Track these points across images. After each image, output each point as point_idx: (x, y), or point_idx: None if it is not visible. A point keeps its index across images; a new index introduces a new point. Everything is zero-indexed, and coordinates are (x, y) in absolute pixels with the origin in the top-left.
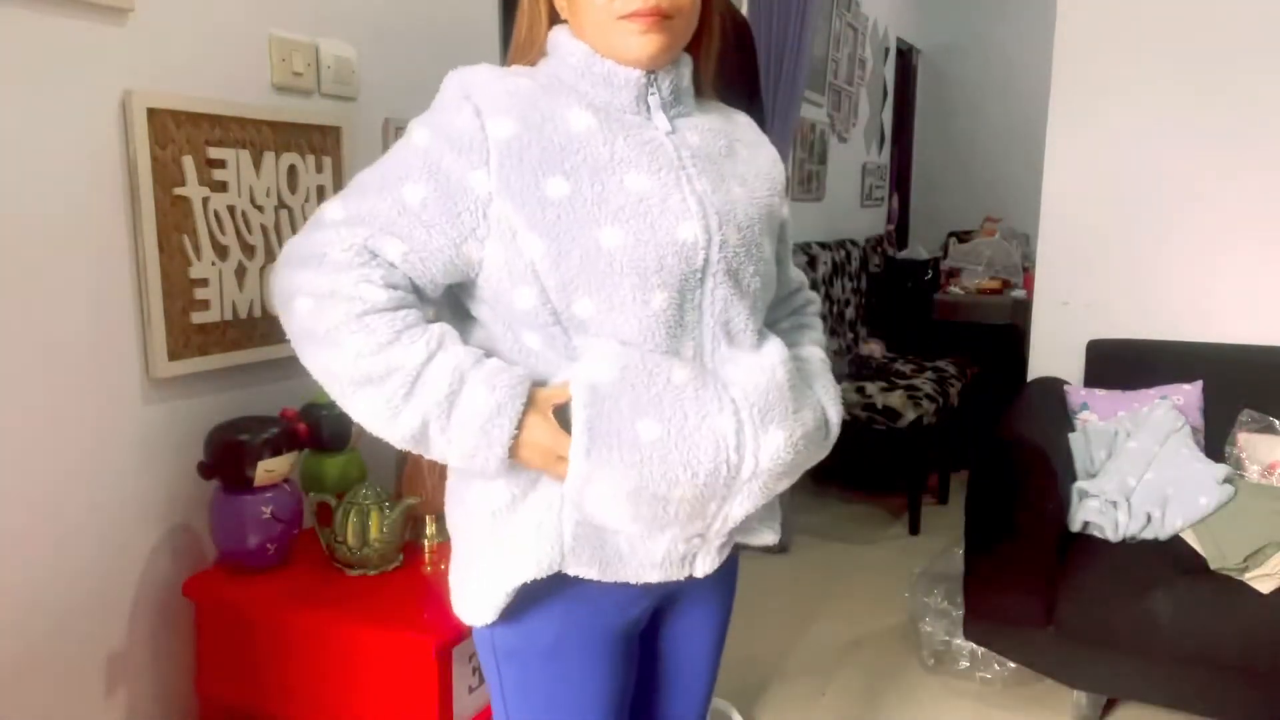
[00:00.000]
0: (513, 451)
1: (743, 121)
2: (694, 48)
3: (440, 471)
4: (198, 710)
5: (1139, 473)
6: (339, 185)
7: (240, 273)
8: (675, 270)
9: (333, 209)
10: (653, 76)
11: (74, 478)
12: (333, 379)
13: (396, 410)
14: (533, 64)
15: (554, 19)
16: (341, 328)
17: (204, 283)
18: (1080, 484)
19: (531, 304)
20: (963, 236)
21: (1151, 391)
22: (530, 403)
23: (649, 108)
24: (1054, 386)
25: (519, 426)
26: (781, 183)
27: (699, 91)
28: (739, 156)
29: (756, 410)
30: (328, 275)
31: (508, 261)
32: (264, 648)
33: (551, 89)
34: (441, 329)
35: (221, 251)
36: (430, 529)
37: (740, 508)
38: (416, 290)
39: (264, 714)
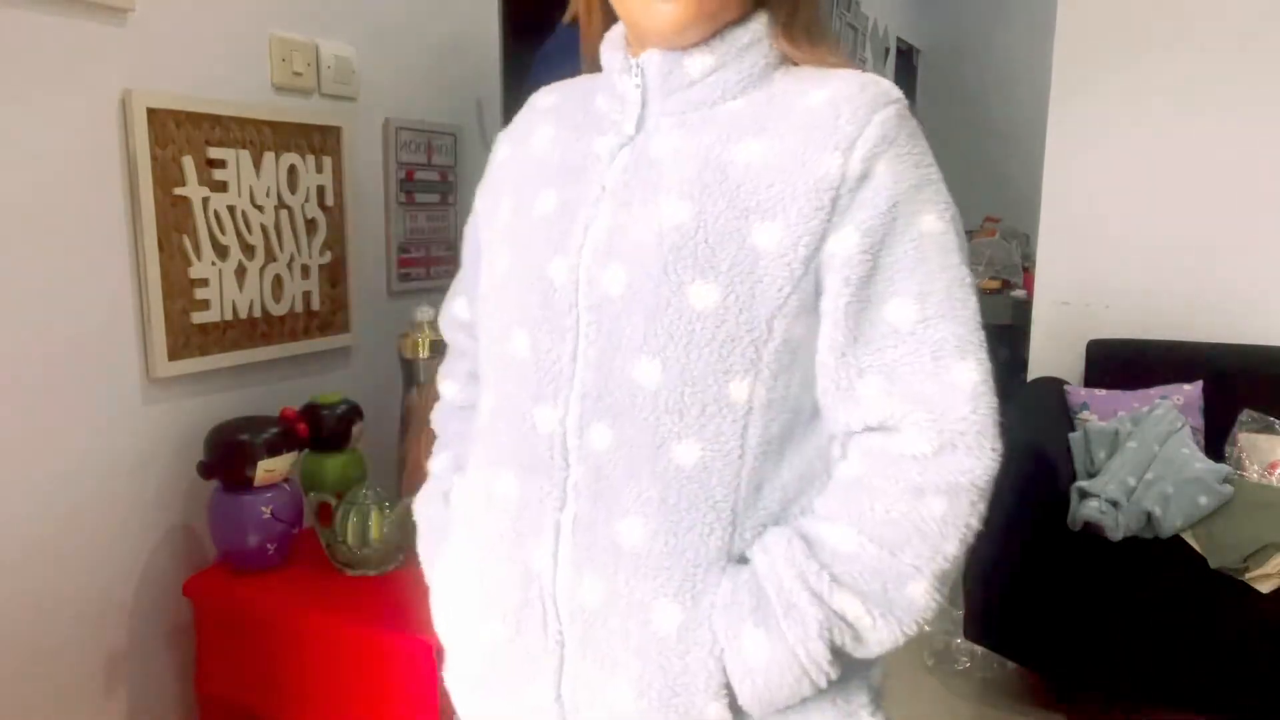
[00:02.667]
0: None
1: (814, 100)
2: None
3: None
4: (198, 710)
5: (1139, 473)
6: (339, 185)
7: (240, 273)
8: (536, 311)
9: None
10: (636, 64)
11: (74, 478)
12: None
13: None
14: (590, 73)
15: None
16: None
17: (204, 283)
18: (1080, 484)
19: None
20: None
21: (1151, 391)
22: None
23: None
24: (1054, 386)
25: None
26: (805, 200)
27: (791, 44)
28: (724, 162)
29: (576, 553)
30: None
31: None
32: (264, 648)
33: (561, 101)
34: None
35: (221, 251)
36: None
37: None
38: None
39: (263, 714)
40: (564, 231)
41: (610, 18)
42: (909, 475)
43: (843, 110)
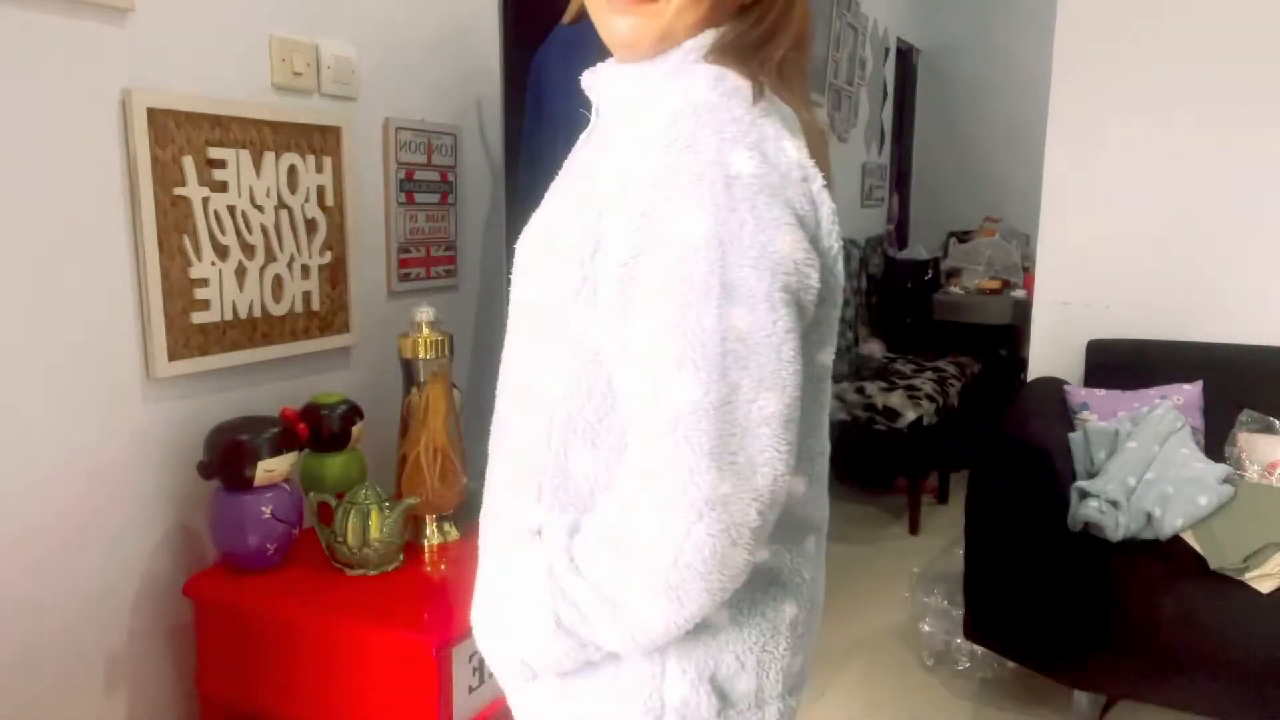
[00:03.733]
0: None
1: (644, 131)
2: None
3: (439, 472)
4: (198, 710)
5: (1139, 473)
6: (339, 185)
7: (240, 273)
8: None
9: None
10: (592, 76)
11: (74, 477)
12: None
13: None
14: None
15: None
16: None
17: (204, 283)
18: (1080, 484)
19: None
20: (963, 236)
21: (1151, 391)
22: None
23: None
24: (1054, 386)
25: None
26: (601, 212)
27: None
28: (587, 171)
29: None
30: None
31: None
32: (264, 648)
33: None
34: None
35: (221, 251)
36: (430, 529)
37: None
38: None
39: (264, 714)
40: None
41: None
42: None
43: (641, 147)
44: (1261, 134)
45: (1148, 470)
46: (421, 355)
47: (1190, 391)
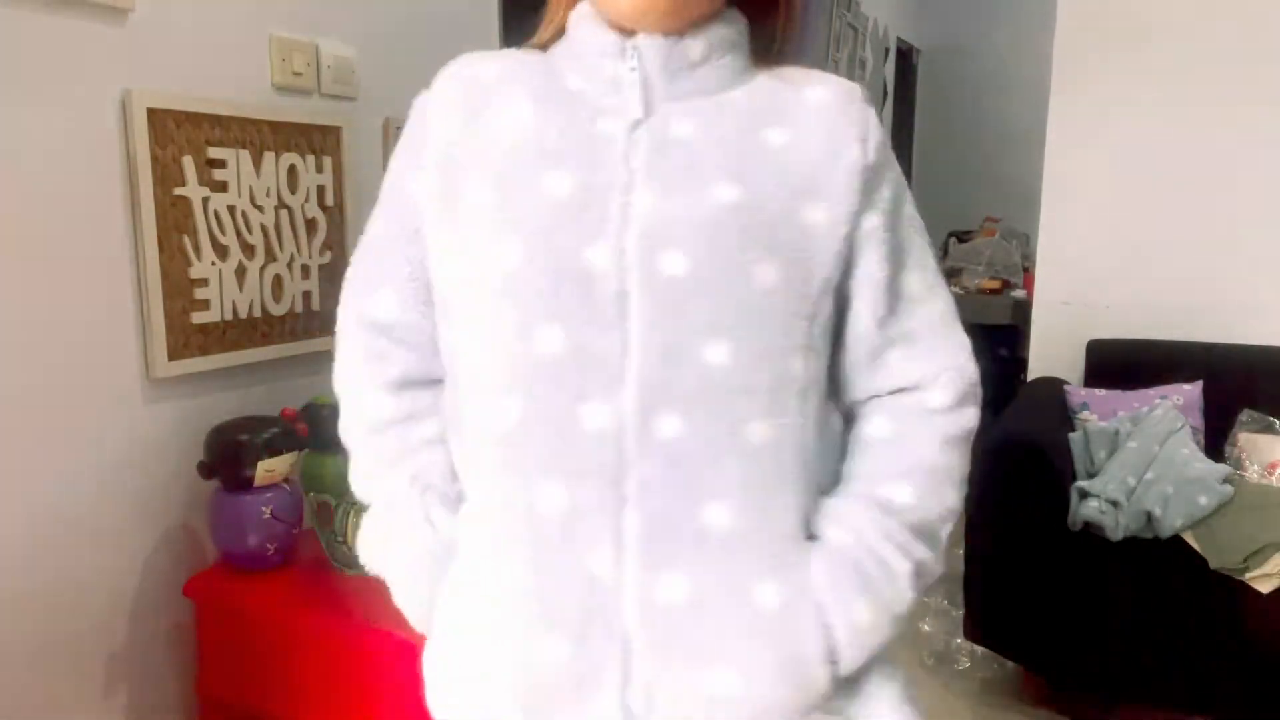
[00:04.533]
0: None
1: (815, 96)
2: (754, 6)
3: None
4: (198, 710)
5: (1139, 473)
6: (339, 185)
7: (240, 273)
8: (571, 302)
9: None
10: (631, 47)
11: (74, 478)
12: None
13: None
14: (544, 43)
15: None
16: (355, 442)
17: (204, 283)
18: (1080, 484)
19: (443, 338)
20: (963, 236)
21: (1151, 391)
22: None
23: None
24: (1054, 386)
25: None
26: (843, 183)
27: (764, 60)
28: (759, 145)
29: (649, 552)
30: (343, 370)
31: (438, 285)
32: (264, 648)
33: (518, 74)
34: (421, 460)
35: (221, 251)
36: None
37: None
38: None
39: (264, 714)
40: (598, 216)
41: None
42: (940, 428)
43: (848, 107)
44: (1262, 134)
45: (1148, 470)
46: None
47: (1190, 391)
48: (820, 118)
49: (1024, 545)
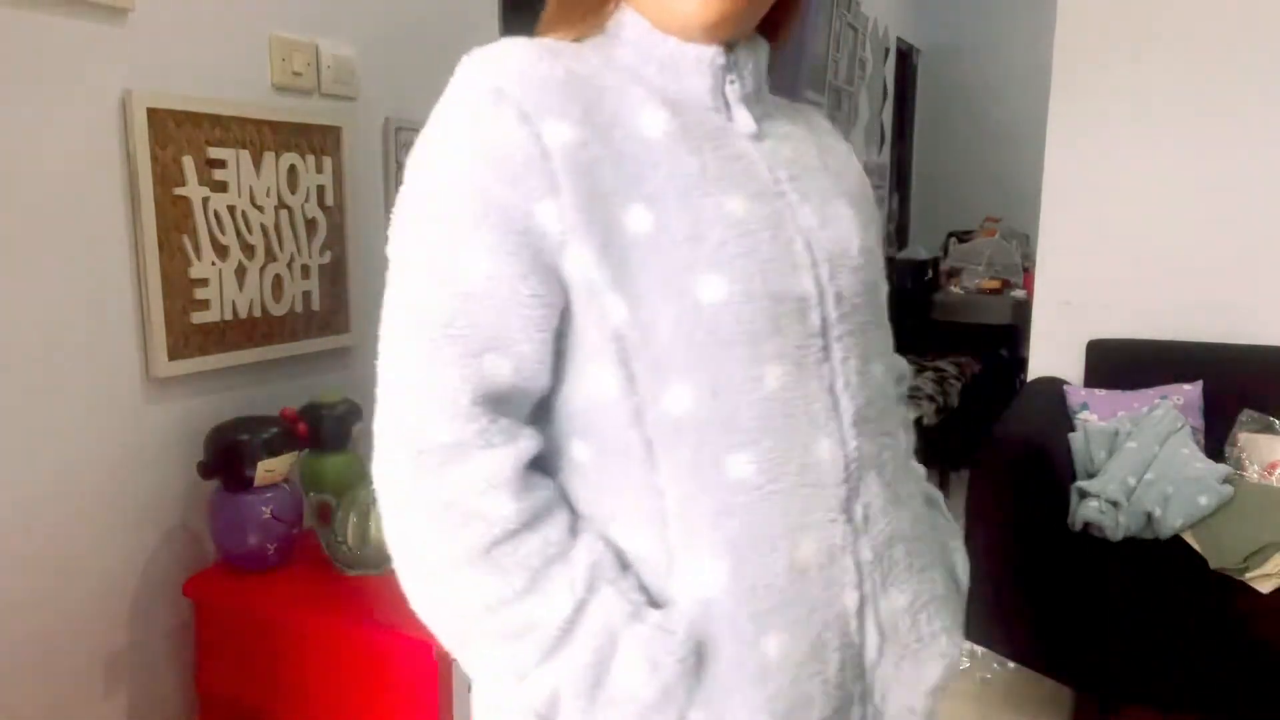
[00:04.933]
0: None
1: (819, 120)
2: (769, 23)
3: None
4: (198, 710)
5: (1139, 473)
6: (339, 185)
7: (240, 273)
8: (792, 336)
9: (395, 402)
10: (733, 58)
11: (74, 478)
12: (446, 630)
13: (524, 674)
14: (578, 38)
15: None
16: (463, 567)
17: (204, 283)
18: (1080, 484)
19: (607, 395)
20: (963, 236)
21: (1151, 391)
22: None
23: (727, 103)
24: (1054, 386)
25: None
26: (871, 192)
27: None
28: (833, 166)
29: (878, 572)
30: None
31: (582, 331)
32: (264, 648)
33: (611, 74)
34: (590, 555)
35: (221, 251)
36: None
37: (890, 700)
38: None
39: (264, 714)
40: (786, 242)
41: None
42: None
43: (837, 133)
44: (1262, 134)
45: (1148, 470)
46: None
47: (1190, 391)
48: (837, 142)
49: (1024, 545)
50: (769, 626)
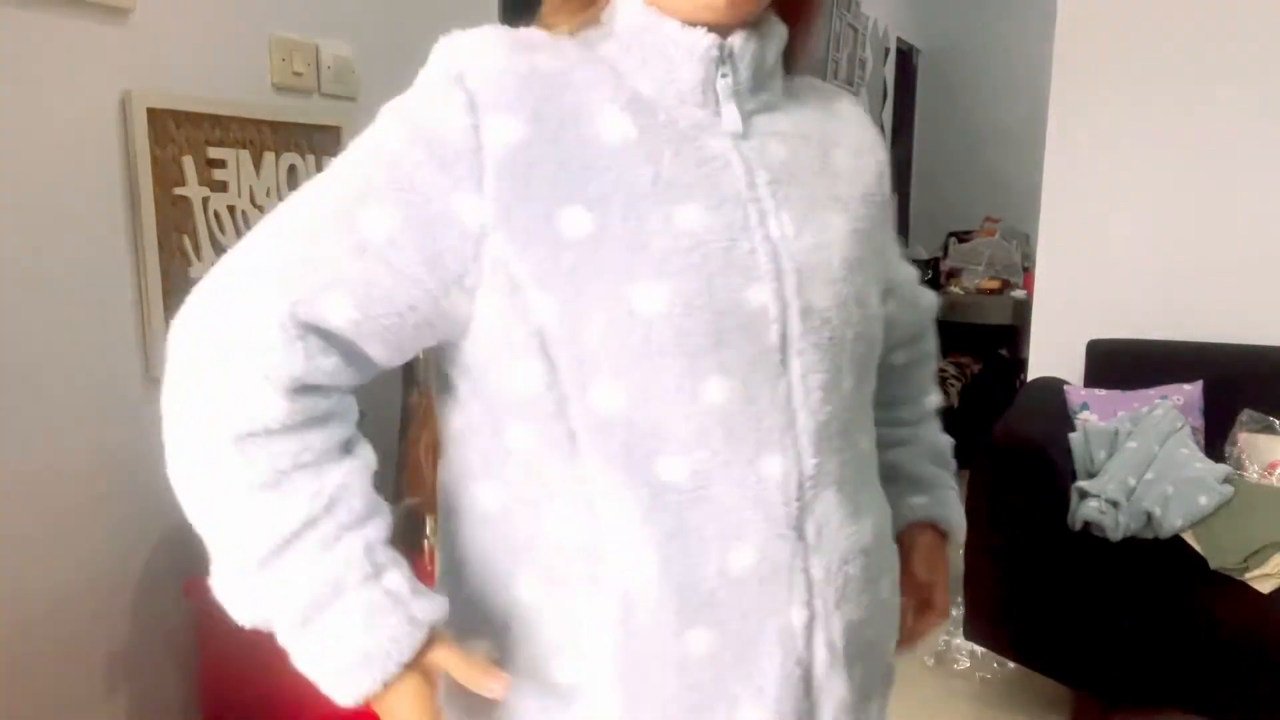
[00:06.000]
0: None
1: (846, 108)
2: (786, 3)
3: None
4: (198, 710)
5: (1139, 473)
6: None
7: None
8: (740, 350)
9: (251, 253)
10: (727, 47)
11: (74, 478)
12: (188, 495)
13: (244, 572)
14: (573, 30)
15: None
16: (217, 444)
17: None
18: (1080, 484)
19: (532, 387)
20: (963, 236)
21: (1151, 391)
22: (415, 664)
23: (717, 97)
24: (1054, 386)
25: (385, 686)
26: (887, 186)
27: (789, 69)
28: (837, 167)
29: (831, 589)
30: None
31: (504, 324)
32: (264, 648)
33: (581, 72)
34: (343, 478)
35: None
36: (430, 529)
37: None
38: (360, 362)
39: (264, 714)
40: (746, 253)
41: None
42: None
43: (866, 120)
44: (1263, 134)
45: (1148, 470)
46: (422, 354)
47: (1190, 391)
48: (862, 133)
49: (1024, 545)
50: (695, 622)
